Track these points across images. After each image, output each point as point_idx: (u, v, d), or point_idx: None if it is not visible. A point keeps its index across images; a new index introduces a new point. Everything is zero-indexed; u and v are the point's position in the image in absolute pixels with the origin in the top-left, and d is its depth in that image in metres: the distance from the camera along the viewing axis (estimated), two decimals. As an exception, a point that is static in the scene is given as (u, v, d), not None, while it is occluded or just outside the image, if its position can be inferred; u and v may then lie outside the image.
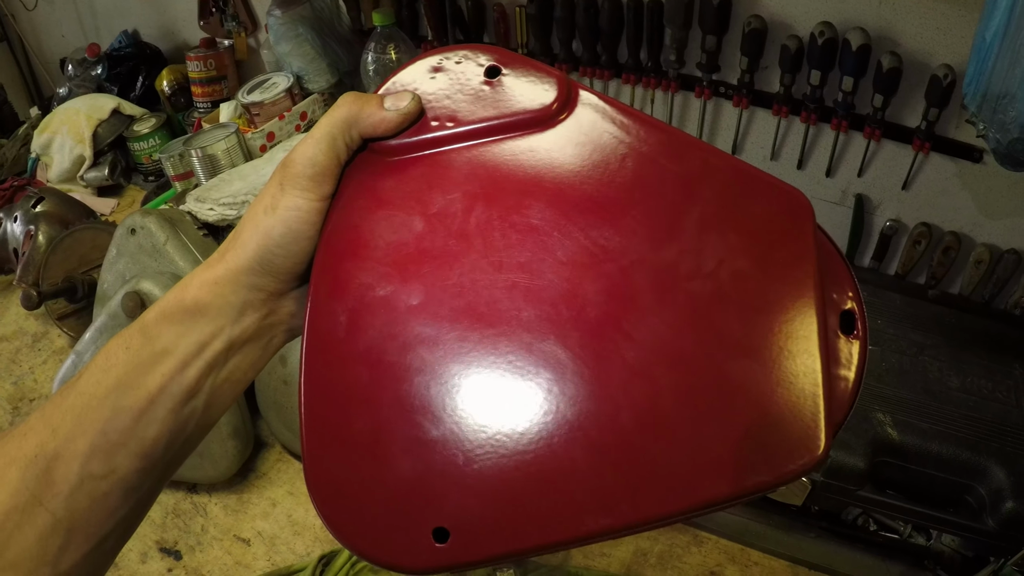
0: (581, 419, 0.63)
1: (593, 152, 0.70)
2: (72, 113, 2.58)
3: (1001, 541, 1.25)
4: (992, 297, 1.81)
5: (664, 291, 0.66)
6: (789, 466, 0.61)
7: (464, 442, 0.64)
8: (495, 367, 0.65)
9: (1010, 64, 1.18)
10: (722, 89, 1.91)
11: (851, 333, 0.66)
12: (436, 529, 0.63)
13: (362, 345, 0.68)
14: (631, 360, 0.64)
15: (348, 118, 0.71)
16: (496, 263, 0.68)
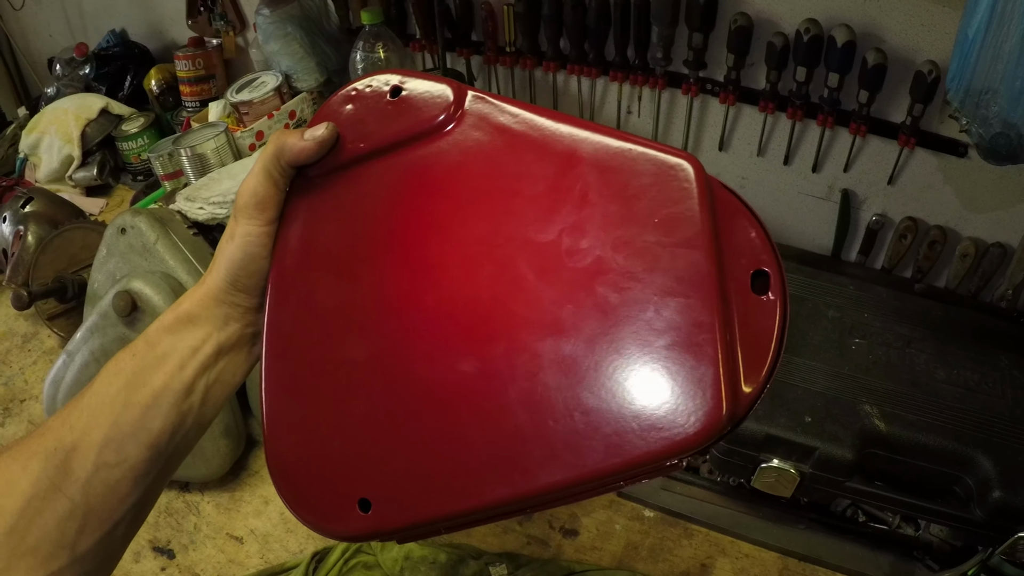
0: (475, 397, 0.69)
1: (480, 152, 0.77)
2: (60, 113, 2.58)
3: (989, 530, 1.27)
4: (978, 290, 1.83)
5: (546, 270, 0.69)
6: (684, 432, 0.61)
7: (381, 424, 0.73)
8: (404, 356, 0.74)
9: (992, 60, 1.19)
10: (709, 86, 1.92)
11: (765, 292, 0.66)
12: (360, 500, 0.72)
13: (303, 343, 0.80)
14: (517, 338, 0.69)
15: (275, 151, 0.82)
16: (403, 259, 0.76)
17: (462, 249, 0.73)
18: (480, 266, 0.72)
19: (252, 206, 0.82)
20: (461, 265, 0.73)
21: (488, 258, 0.72)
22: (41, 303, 1.95)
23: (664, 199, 0.68)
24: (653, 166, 0.70)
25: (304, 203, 0.84)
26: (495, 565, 1.38)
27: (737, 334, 0.65)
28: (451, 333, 0.72)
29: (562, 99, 2.17)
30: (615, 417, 0.63)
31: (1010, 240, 1.77)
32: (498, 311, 0.70)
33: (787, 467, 1.30)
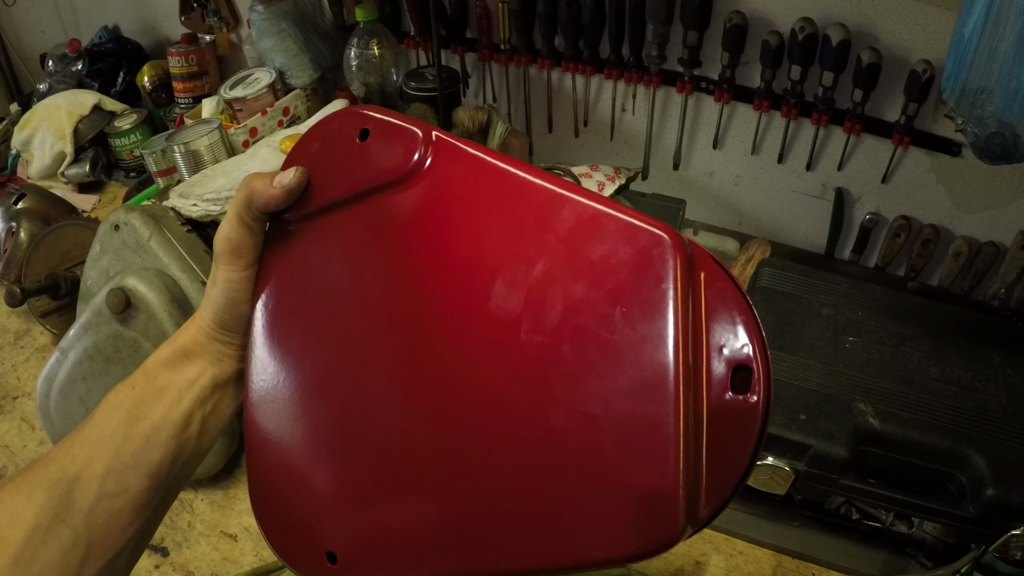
0: (432, 468, 0.71)
1: (444, 210, 0.73)
2: (53, 109, 2.57)
3: (982, 528, 1.27)
4: (971, 288, 1.83)
5: (503, 351, 0.67)
6: (628, 547, 0.58)
7: (347, 481, 0.76)
8: (365, 418, 0.76)
9: (988, 60, 1.20)
10: (703, 84, 1.92)
11: (745, 392, 0.59)
12: (328, 552, 0.75)
13: (278, 392, 0.82)
14: (470, 418, 0.68)
15: (245, 198, 0.81)
16: (363, 316, 0.78)
17: (420, 314, 0.73)
18: (436, 334, 0.71)
19: (228, 252, 0.83)
20: (417, 332, 0.73)
21: (445, 325, 0.71)
22: (34, 300, 1.94)
23: (634, 282, 0.61)
24: (626, 241, 0.62)
25: (279, 250, 0.84)
26: None
27: (704, 444, 0.59)
28: (409, 400, 0.73)
29: (556, 97, 2.18)
30: (560, 523, 0.62)
31: (1003, 239, 1.78)
32: (452, 385, 0.70)
33: (782, 465, 1.30)
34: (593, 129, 2.20)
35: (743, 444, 0.59)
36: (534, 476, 0.63)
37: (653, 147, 2.12)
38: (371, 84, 2.11)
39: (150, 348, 1.55)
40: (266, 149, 1.97)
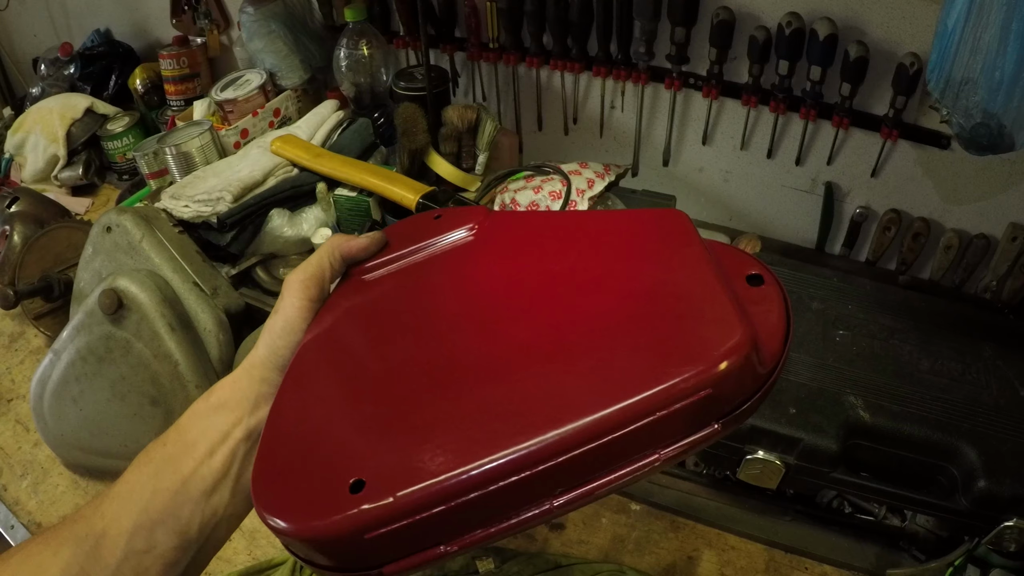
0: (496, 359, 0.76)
1: (499, 241, 0.92)
2: (45, 112, 2.58)
3: (974, 520, 1.27)
4: (962, 282, 1.84)
5: (589, 294, 0.78)
6: (710, 352, 0.64)
7: (381, 409, 0.77)
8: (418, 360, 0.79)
9: (972, 51, 1.20)
10: (692, 80, 1.92)
11: (760, 285, 0.74)
12: (353, 482, 0.68)
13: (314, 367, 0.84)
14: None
15: (334, 243, 0.93)
16: (419, 326, 0.84)
17: (481, 312, 0.82)
18: (526, 310, 0.80)
19: (300, 281, 0.88)
20: (481, 322, 0.81)
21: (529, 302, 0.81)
22: (27, 302, 1.95)
23: (671, 238, 0.79)
24: (655, 218, 0.83)
25: (344, 296, 0.91)
26: (482, 559, 1.38)
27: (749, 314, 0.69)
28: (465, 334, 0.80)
29: (545, 95, 2.18)
30: (641, 354, 0.68)
31: (993, 231, 1.78)
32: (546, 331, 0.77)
33: (772, 459, 1.30)
34: (582, 127, 2.20)
35: (776, 308, 0.72)
36: (609, 340, 0.72)
37: (642, 144, 2.12)
38: (361, 84, 2.11)
39: (142, 348, 1.55)
40: (257, 150, 1.97)
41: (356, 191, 1.84)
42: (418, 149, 1.91)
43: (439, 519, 0.67)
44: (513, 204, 1.85)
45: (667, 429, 0.65)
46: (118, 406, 1.59)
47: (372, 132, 2.07)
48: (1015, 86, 1.17)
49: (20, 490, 1.68)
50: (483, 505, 0.67)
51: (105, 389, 1.60)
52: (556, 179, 1.86)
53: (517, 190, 1.87)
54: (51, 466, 1.72)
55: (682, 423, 0.65)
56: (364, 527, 0.66)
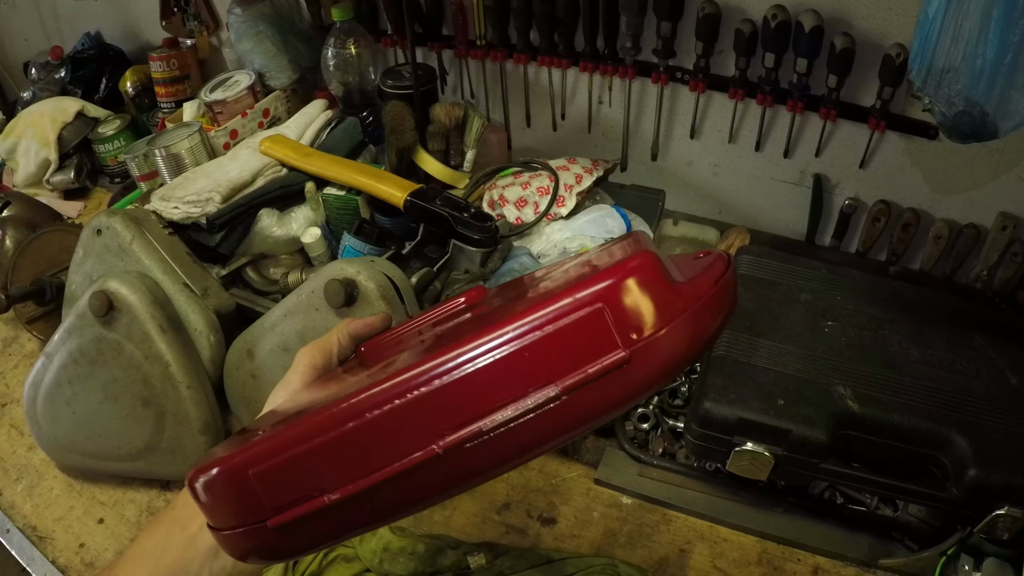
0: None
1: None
2: (36, 116, 2.58)
3: (966, 509, 1.27)
4: (953, 271, 1.84)
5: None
6: (604, 273, 0.63)
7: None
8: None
9: (953, 39, 1.20)
10: (678, 74, 1.93)
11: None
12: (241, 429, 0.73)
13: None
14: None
15: (343, 324, 0.98)
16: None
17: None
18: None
19: (307, 351, 0.93)
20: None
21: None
22: (20, 306, 1.95)
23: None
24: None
25: (341, 371, 0.94)
26: (474, 555, 1.38)
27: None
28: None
29: (533, 91, 2.18)
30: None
31: (983, 221, 1.78)
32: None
33: (761, 450, 1.30)
34: (571, 122, 2.20)
35: (713, 262, 0.71)
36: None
37: (631, 138, 2.13)
38: (349, 83, 2.11)
39: (133, 350, 1.56)
40: (246, 151, 1.97)
41: (345, 190, 1.85)
42: (406, 147, 1.91)
43: (317, 456, 0.67)
44: (501, 200, 1.85)
45: (560, 353, 0.62)
46: (111, 408, 1.59)
47: (360, 131, 2.07)
48: (997, 73, 1.17)
49: (16, 494, 1.68)
50: (360, 441, 0.66)
51: (97, 391, 1.60)
52: (544, 175, 1.86)
53: (505, 186, 1.87)
54: (46, 469, 1.73)
55: (576, 346, 0.62)
56: (245, 463, 0.67)
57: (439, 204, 1.71)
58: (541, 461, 1.60)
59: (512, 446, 0.64)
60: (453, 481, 0.67)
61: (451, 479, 0.67)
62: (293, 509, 0.68)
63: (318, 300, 1.50)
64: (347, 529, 0.70)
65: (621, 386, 0.63)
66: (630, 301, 0.62)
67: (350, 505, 0.68)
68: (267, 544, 0.70)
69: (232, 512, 0.70)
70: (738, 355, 1.39)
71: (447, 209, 1.70)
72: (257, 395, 1.62)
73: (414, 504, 0.68)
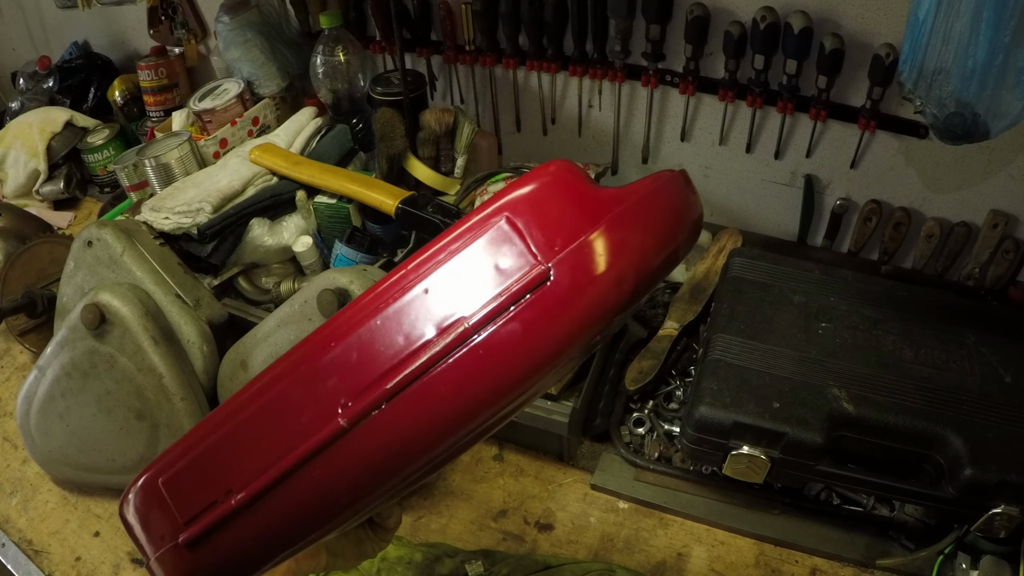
0: None
1: None
2: (25, 127, 2.57)
3: (962, 508, 1.27)
4: (945, 270, 1.84)
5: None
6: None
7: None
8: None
9: (943, 40, 1.20)
10: (668, 77, 1.92)
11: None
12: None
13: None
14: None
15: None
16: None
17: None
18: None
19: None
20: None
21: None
22: (11, 319, 1.95)
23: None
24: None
25: None
26: (471, 562, 1.38)
27: None
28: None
29: (523, 95, 2.18)
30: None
31: (974, 219, 1.79)
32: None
33: (757, 453, 1.30)
34: (561, 126, 2.20)
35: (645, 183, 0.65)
36: None
37: (621, 142, 2.13)
38: (338, 90, 2.11)
39: (126, 362, 1.55)
40: (236, 160, 1.97)
41: (336, 198, 1.84)
42: (396, 154, 1.91)
43: (219, 453, 0.64)
44: (493, 206, 1.84)
45: (467, 282, 0.57)
46: (104, 421, 1.59)
47: (350, 138, 2.07)
48: (988, 74, 1.17)
49: (10, 508, 1.68)
50: (258, 429, 0.63)
51: (91, 404, 1.59)
52: (536, 180, 1.86)
53: (497, 192, 1.86)
54: (40, 483, 1.72)
55: (484, 270, 0.57)
56: (156, 473, 0.66)
57: (430, 211, 1.71)
58: (537, 467, 1.60)
59: (433, 409, 0.58)
60: (371, 463, 0.61)
61: (367, 459, 0.61)
62: (202, 518, 0.64)
63: (311, 310, 1.50)
64: (272, 542, 0.65)
65: (550, 310, 0.56)
66: (544, 209, 0.57)
67: (264, 507, 0.63)
68: (189, 567, 0.66)
69: (152, 532, 0.67)
70: (732, 358, 1.39)
71: (439, 216, 1.70)
72: (251, 405, 1.61)
73: (335, 501, 0.63)
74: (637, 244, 0.59)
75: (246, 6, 2.23)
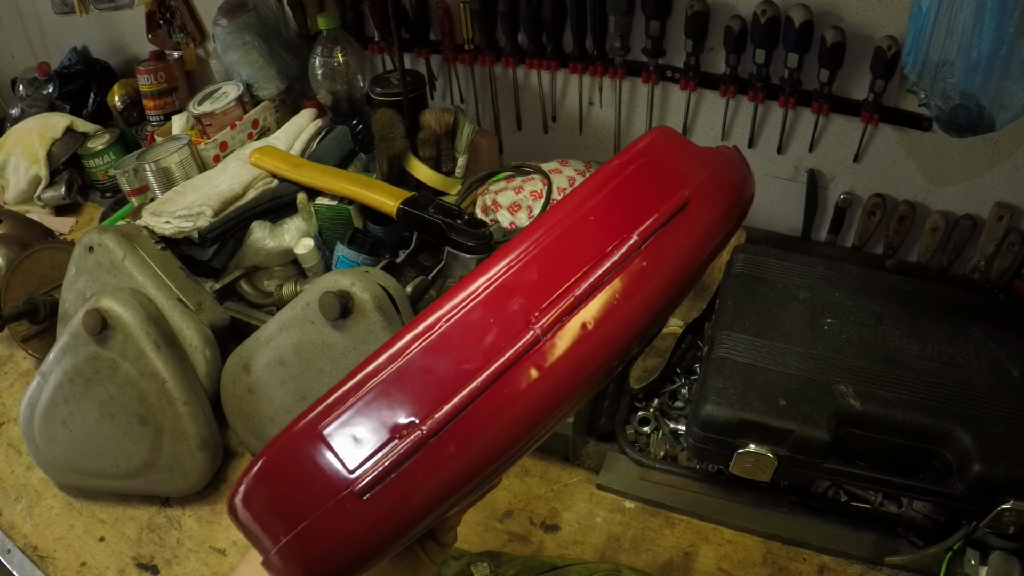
0: None
1: None
2: (25, 134, 2.57)
3: (971, 504, 1.26)
4: (950, 263, 1.83)
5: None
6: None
7: None
8: None
9: (947, 32, 1.19)
10: (669, 73, 1.92)
11: None
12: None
13: None
14: None
15: None
16: None
17: None
18: None
19: None
20: None
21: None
22: (14, 325, 1.94)
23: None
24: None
25: None
26: (477, 564, 1.37)
27: None
28: None
29: (523, 94, 2.17)
30: None
31: (979, 211, 1.77)
32: None
33: (764, 451, 1.29)
34: (562, 124, 2.19)
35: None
36: None
37: (623, 139, 2.12)
38: (337, 91, 2.10)
39: (128, 367, 1.55)
40: (236, 163, 1.96)
41: (337, 200, 1.84)
42: (396, 155, 1.90)
43: (393, 388, 0.63)
44: (494, 205, 1.84)
45: (625, 207, 0.65)
46: (107, 426, 1.59)
47: (350, 140, 2.06)
48: (992, 65, 1.17)
49: (15, 514, 1.67)
50: (430, 355, 0.63)
51: (94, 410, 1.59)
52: (537, 179, 1.86)
53: (498, 191, 1.86)
54: (45, 489, 1.72)
55: (638, 198, 0.66)
56: (311, 424, 0.63)
57: (432, 211, 1.70)
58: (542, 467, 1.60)
59: (617, 310, 0.63)
60: (559, 375, 0.63)
61: (559, 370, 0.63)
62: (379, 460, 0.61)
63: (313, 313, 1.49)
64: (452, 481, 0.63)
65: (691, 229, 0.66)
66: (671, 152, 0.69)
67: (450, 437, 0.62)
68: (362, 520, 0.62)
69: (310, 490, 0.62)
70: (738, 356, 1.39)
71: (440, 216, 1.69)
72: (254, 409, 1.60)
73: (522, 423, 0.63)
74: (737, 185, 0.77)
75: (244, 9, 2.22)
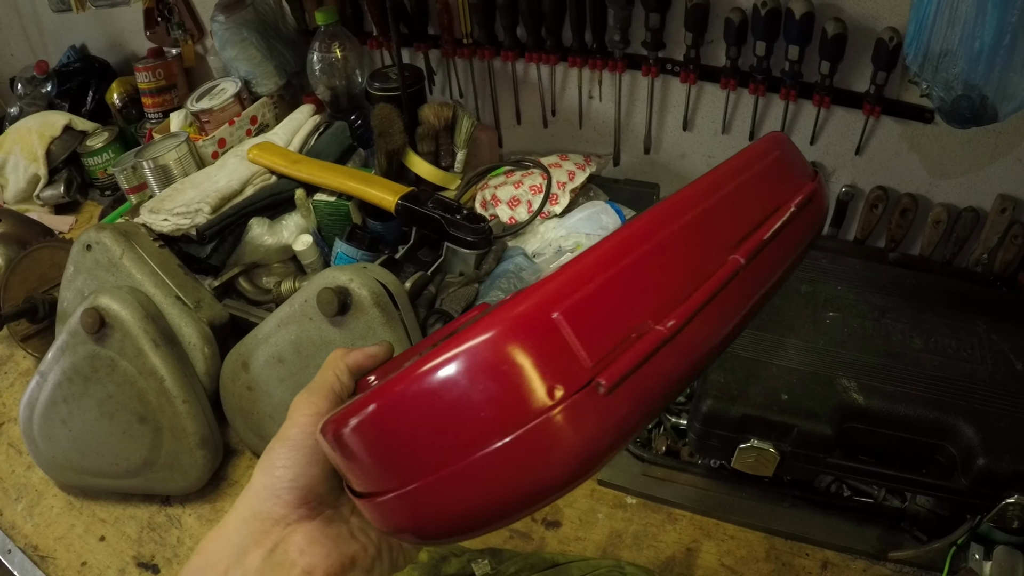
0: None
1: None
2: (24, 132, 2.57)
3: (975, 498, 1.25)
4: (953, 256, 1.82)
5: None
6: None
7: None
8: None
9: (949, 21, 1.18)
10: (669, 66, 1.91)
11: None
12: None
13: None
14: None
15: (336, 355, 0.81)
16: None
17: None
18: None
19: (306, 399, 0.76)
20: None
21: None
22: (13, 325, 1.94)
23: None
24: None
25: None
26: (477, 561, 1.37)
27: None
28: None
29: (523, 88, 2.17)
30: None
31: (982, 204, 1.77)
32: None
33: (766, 447, 1.29)
34: (561, 118, 2.19)
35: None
36: None
37: (623, 132, 2.11)
38: (336, 87, 2.10)
39: (127, 366, 1.54)
40: (234, 159, 1.96)
41: (335, 196, 1.83)
42: (395, 150, 1.89)
43: (628, 283, 0.58)
44: (494, 200, 1.83)
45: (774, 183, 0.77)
46: (107, 425, 1.58)
47: (349, 135, 2.06)
48: (995, 55, 1.16)
49: (15, 514, 1.67)
50: (665, 263, 0.62)
51: (93, 409, 1.58)
52: (536, 173, 1.85)
53: (497, 186, 1.86)
54: (45, 488, 1.71)
55: (781, 179, 0.78)
56: (541, 305, 0.54)
57: (431, 207, 1.70)
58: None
59: (781, 256, 0.73)
60: (746, 298, 0.68)
61: (746, 295, 0.68)
62: (621, 355, 0.53)
63: (311, 309, 1.48)
64: (674, 383, 0.58)
65: (814, 214, 0.77)
66: (793, 153, 0.80)
67: (681, 342, 0.57)
68: (604, 418, 0.53)
69: (541, 380, 0.52)
70: (740, 351, 1.38)
71: (439, 211, 1.68)
72: (253, 407, 1.60)
73: (719, 334, 0.64)
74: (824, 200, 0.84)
75: (242, 5, 2.22)
